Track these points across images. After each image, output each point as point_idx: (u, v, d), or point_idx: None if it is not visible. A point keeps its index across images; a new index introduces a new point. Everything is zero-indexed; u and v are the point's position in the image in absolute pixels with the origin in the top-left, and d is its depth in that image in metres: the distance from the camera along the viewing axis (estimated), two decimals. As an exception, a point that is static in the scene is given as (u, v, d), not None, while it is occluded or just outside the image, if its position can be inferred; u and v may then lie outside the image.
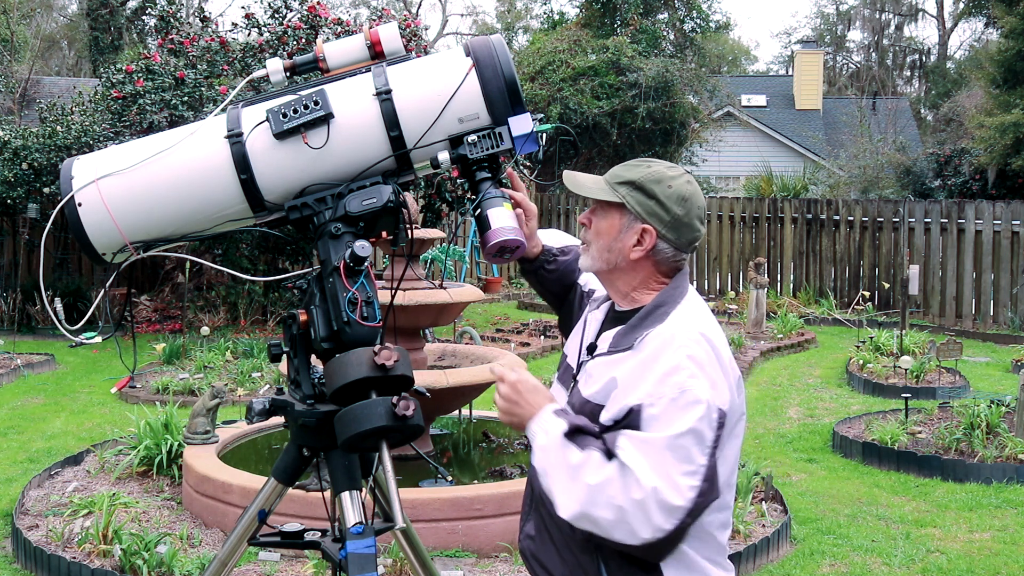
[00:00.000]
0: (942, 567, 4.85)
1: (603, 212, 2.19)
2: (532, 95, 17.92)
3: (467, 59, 2.41)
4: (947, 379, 8.80)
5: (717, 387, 1.98)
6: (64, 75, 27.93)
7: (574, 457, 1.98)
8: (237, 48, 12.74)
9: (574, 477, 1.97)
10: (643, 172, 2.16)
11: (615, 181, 2.17)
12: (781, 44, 59.95)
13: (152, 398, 7.97)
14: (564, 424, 2.03)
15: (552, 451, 2.01)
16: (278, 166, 2.40)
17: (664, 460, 1.92)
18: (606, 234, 2.17)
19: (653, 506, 1.91)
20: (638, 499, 1.91)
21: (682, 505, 1.92)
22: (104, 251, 2.50)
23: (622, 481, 1.93)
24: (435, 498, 4.74)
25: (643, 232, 2.14)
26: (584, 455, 1.98)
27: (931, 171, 18.69)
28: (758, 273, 11.65)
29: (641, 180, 2.15)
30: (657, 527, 1.92)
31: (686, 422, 1.93)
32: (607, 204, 2.17)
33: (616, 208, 2.16)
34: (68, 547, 4.65)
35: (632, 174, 2.16)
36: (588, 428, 2.03)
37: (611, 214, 2.17)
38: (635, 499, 1.91)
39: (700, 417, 1.94)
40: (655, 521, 1.92)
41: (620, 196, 2.15)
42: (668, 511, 1.91)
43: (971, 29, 44.55)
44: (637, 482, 1.92)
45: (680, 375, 1.97)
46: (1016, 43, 17.03)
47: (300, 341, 2.46)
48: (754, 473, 5.55)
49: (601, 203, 2.19)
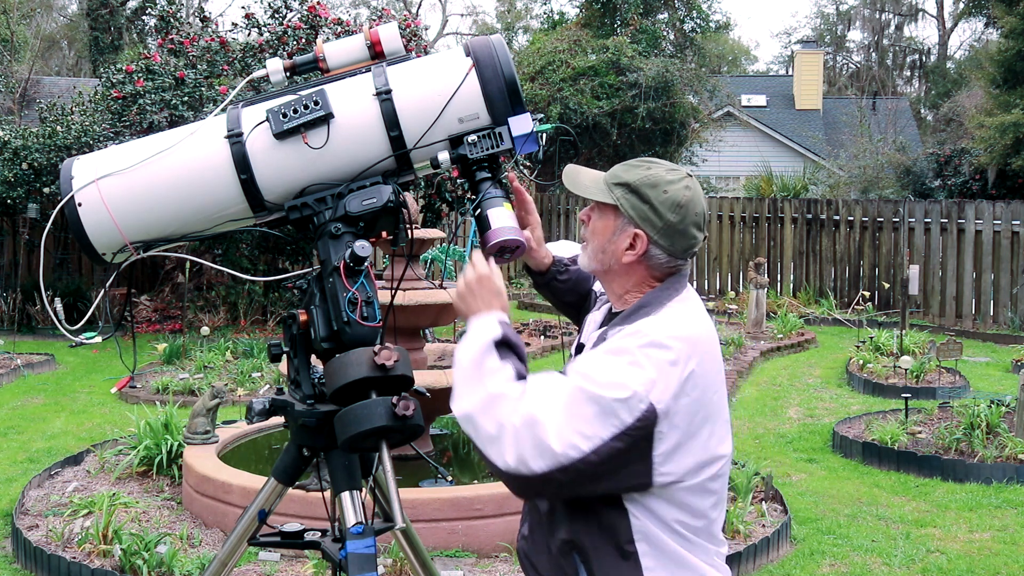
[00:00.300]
0: (942, 567, 4.85)
1: (600, 212, 2.15)
2: (532, 95, 17.92)
3: (467, 59, 2.41)
4: (947, 379, 8.80)
5: (656, 385, 1.90)
6: (64, 75, 27.93)
7: (491, 363, 1.99)
8: (237, 48, 12.74)
9: (480, 379, 1.98)
10: (640, 175, 2.11)
11: (612, 181, 2.13)
12: (781, 44, 60.01)
13: (152, 398, 7.97)
14: (499, 332, 2.04)
15: (475, 349, 2.02)
16: (278, 166, 2.40)
17: (567, 406, 1.90)
18: (601, 234, 2.14)
19: (528, 437, 1.89)
20: (518, 424, 1.90)
21: (557, 452, 1.86)
22: (104, 251, 2.50)
23: (517, 402, 1.93)
24: (435, 498, 4.74)
25: (635, 237, 2.09)
26: (499, 365, 1.99)
27: (931, 171, 18.68)
28: (758, 273, 11.65)
29: (637, 183, 2.09)
30: (522, 459, 1.89)
31: (607, 389, 1.89)
32: (604, 204, 2.14)
33: (612, 209, 2.12)
34: (68, 547, 4.65)
35: (629, 176, 2.12)
36: (519, 350, 2.05)
37: (607, 215, 2.14)
38: (516, 424, 1.90)
39: (621, 398, 1.88)
40: (524, 452, 1.89)
41: (615, 198, 2.11)
42: (540, 450, 1.88)
43: (971, 29, 44.60)
44: (529, 409, 1.90)
45: (623, 357, 1.93)
46: (1016, 43, 17.03)
47: (300, 341, 2.46)
48: (754, 473, 5.55)
49: (599, 202, 2.15)
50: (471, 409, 1.97)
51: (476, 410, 1.96)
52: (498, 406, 1.94)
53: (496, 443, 1.92)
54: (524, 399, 1.93)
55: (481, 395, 1.96)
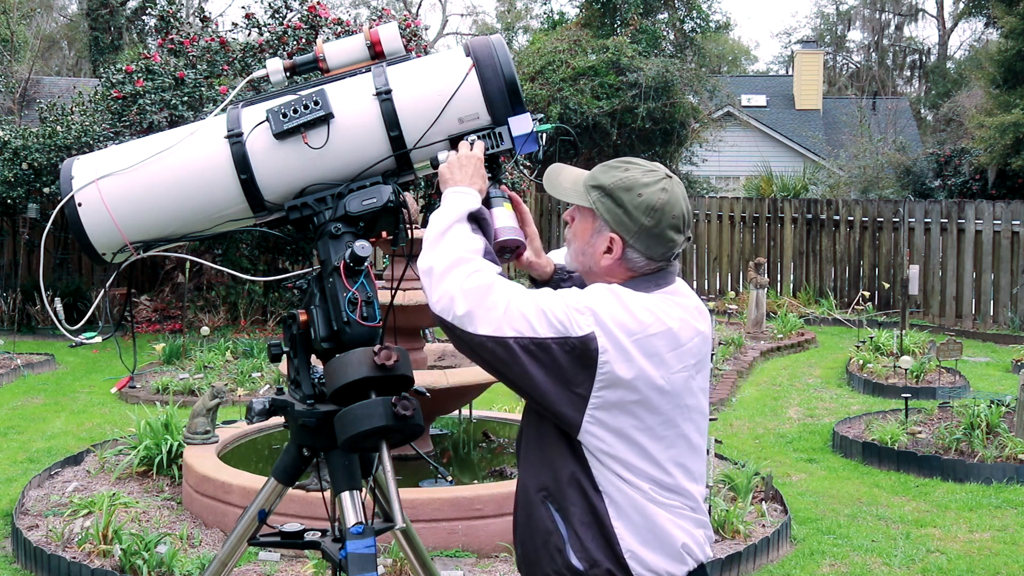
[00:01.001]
0: (942, 567, 4.85)
1: (581, 213, 2.17)
2: (532, 95, 17.91)
3: (467, 59, 2.41)
4: (947, 379, 8.80)
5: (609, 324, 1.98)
6: (64, 75, 27.92)
7: (463, 230, 2.12)
8: (237, 48, 12.74)
9: (451, 241, 2.10)
10: (616, 177, 2.11)
11: (590, 184, 2.14)
12: (781, 44, 59.98)
13: (152, 398, 7.97)
14: (476, 206, 2.18)
15: (451, 215, 2.15)
16: (278, 166, 2.40)
17: (524, 299, 2.01)
18: (581, 236, 2.16)
19: (481, 300, 2.00)
20: (474, 287, 2.02)
21: (503, 323, 1.97)
22: (104, 251, 2.50)
23: (481, 272, 2.04)
24: (435, 498, 4.73)
25: (611, 240, 2.10)
26: (471, 235, 2.12)
27: (931, 171, 18.67)
28: (758, 273, 11.65)
29: (611, 186, 2.09)
30: (470, 317, 2.00)
31: (557, 299, 2.01)
32: (582, 207, 2.16)
33: (590, 212, 2.14)
34: (68, 547, 4.65)
35: (605, 178, 2.12)
36: (488, 231, 2.18)
37: (587, 216, 2.15)
38: (473, 286, 2.02)
39: (572, 307, 1.99)
40: (474, 312, 2.00)
41: (591, 201, 2.12)
42: (488, 316, 1.99)
43: (971, 29, 44.58)
44: (489, 279, 2.03)
45: (583, 294, 2.05)
46: (1016, 43, 17.02)
47: (300, 341, 2.46)
48: (754, 473, 5.55)
49: (578, 204, 2.17)
50: (434, 264, 2.08)
51: (441, 266, 2.07)
52: (463, 267, 2.05)
53: (447, 298, 2.03)
54: (488, 273, 2.05)
55: (450, 254, 2.07)
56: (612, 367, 1.96)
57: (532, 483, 2.12)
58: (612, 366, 1.96)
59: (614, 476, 2.03)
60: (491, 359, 2.01)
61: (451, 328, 2.04)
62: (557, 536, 2.06)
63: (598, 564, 2.03)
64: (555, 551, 2.06)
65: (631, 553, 2.03)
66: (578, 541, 2.04)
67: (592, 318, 1.97)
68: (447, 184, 2.23)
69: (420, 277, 2.10)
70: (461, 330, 2.02)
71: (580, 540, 2.04)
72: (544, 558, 2.08)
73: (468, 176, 2.24)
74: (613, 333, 1.96)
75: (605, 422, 2.00)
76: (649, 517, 2.04)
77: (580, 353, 1.95)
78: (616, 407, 1.99)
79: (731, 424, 7.70)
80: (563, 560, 2.05)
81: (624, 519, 2.03)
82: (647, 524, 2.04)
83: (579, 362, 1.96)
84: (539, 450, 2.11)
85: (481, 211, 2.17)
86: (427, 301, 2.08)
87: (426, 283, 2.08)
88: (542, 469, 2.10)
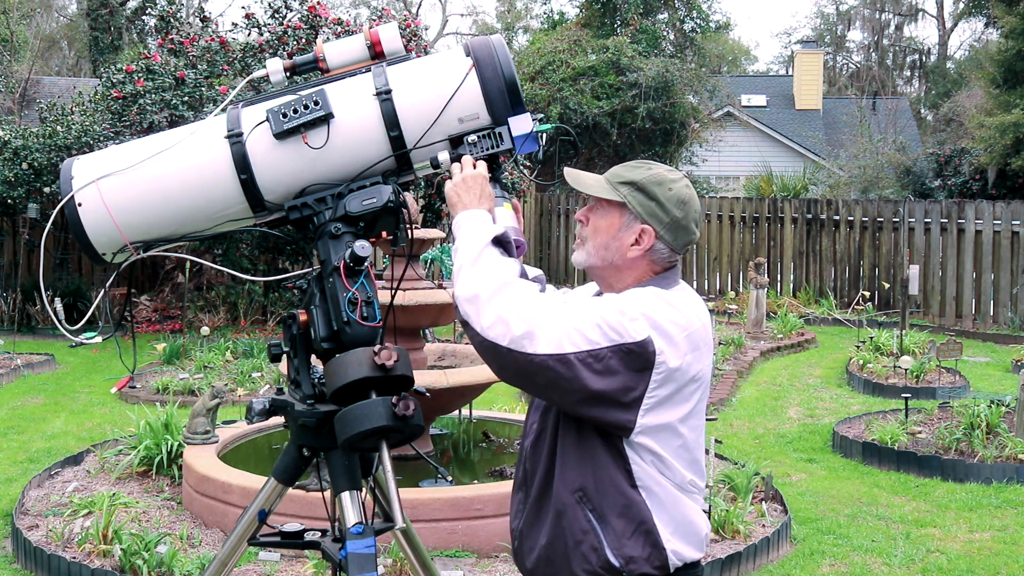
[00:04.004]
0: (942, 567, 4.85)
1: (603, 210, 2.23)
2: (532, 95, 17.91)
3: (467, 59, 2.41)
4: (947, 379, 8.80)
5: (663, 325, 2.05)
6: (64, 75, 27.91)
7: (495, 255, 2.14)
8: (237, 48, 12.74)
9: (488, 267, 2.11)
10: (645, 174, 2.21)
11: (617, 181, 2.22)
12: (781, 44, 60.00)
13: (152, 398, 7.97)
14: (500, 230, 2.19)
15: (480, 240, 2.15)
16: (278, 166, 2.40)
17: (573, 314, 2.04)
18: (604, 232, 2.22)
19: (535, 320, 2.01)
20: (527, 308, 2.03)
21: (562, 340, 1.99)
22: (104, 251, 2.50)
23: (526, 293, 2.06)
24: (435, 498, 4.73)
25: (642, 232, 2.18)
26: (505, 259, 2.14)
27: (931, 171, 18.67)
28: (758, 273, 11.65)
29: (643, 181, 2.20)
30: (529, 336, 2.00)
31: (606, 309, 2.05)
32: (607, 203, 2.22)
33: (616, 207, 2.21)
34: (68, 547, 4.65)
35: (634, 175, 2.21)
36: (513, 254, 2.19)
37: (611, 213, 2.22)
38: (525, 307, 2.03)
39: (624, 314, 2.03)
40: (533, 330, 2.01)
41: (622, 196, 2.20)
42: (545, 336, 2.00)
43: (971, 29, 44.59)
44: (538, 300, 2.06)
45: (628, 299, 2.10)
46: (1016, 43, 17.02)
47: (300, 341, 2.46)
48: (754, 473, 5.55)
49: (601, 201, 2.23)
50: (479, 291, 2.07)
51: (487, 290, 2.06)
52: (510, 289, 2.06)
53: (502, 323, 2.02)
54: (535, 294, 2.07)
55: (494, 279, 2.07)
56: (667, 366, 2.05)
57: (568, 485, 2.14)
58: (667, 365, 2.05)
59: (654, 471, 2.10)
60: (549, 379, 2.02)
61: (505, 353, 2.03)
62: (593, 536, 2.10)
63: (635, 560, 2.09)
64: (590, 551, 2.10)
65: (670, 544, 2.11)
66: (616, 539, 2.09)
67: (646, 322, 2.04)
68: (457, 208, 2.25)
69: (462, 305, 2.09)
70: (519, 353, 2.02)
71: (618, 538, 2.09)
72: (575, 559, 2.12)
73: (477, 198, 2.26)
74: (667, 333, 2.05)
75: (655, 419, 2.08)
76: (681, 509, 2.14)
77: (637, 357, 2.02)
78: (666, 402, 2.08)
79: (731, 424, 7.70)
80: (599, 559, 2.09)
81: (663, 512, 2.11)
82: (681, 516, 2.14)
83: (636, 366, 2.03)
84: (578, 452, 2.13)
85: (505, 235, 2.19)
86: (475, 328, 2.06)
87: (472, 310, 2.07)
88: (582, 471, 2.12)
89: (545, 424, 2.21)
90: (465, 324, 2.11)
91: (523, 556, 2.25)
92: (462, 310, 2.09)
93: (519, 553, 2.27)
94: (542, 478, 2.19)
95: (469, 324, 2.09)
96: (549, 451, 2.19)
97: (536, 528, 2.20)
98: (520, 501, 2.29)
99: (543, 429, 2.22)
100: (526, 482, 2.27)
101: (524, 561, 2.24)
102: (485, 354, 2.07)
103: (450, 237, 2.31)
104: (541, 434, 2.22)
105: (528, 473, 2.25)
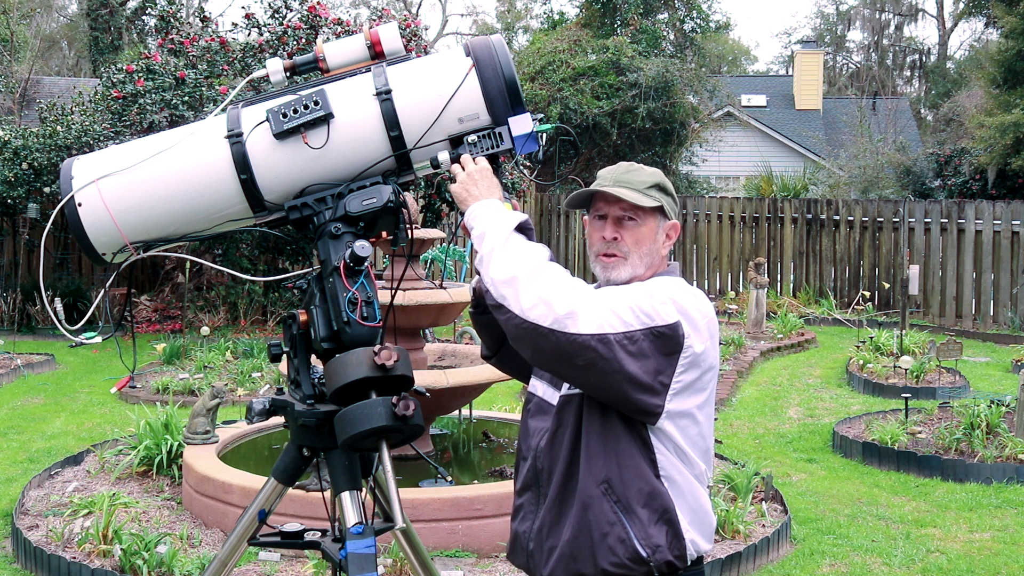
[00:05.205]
0: (942, 567, 4.85)
1: (641, 219, 2.27)
2: (532, 95, 17.91)
3: (467, 59, 2.41)
4: (947, 379, 8.80)
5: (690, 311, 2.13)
6: (64, 75, 27.90)
7: (522, 241, 2.15)
8: (237, 48, 12.73)
9: (520, 251, 2.12)
10: (655, 174, 2.30)
11: (643, 187, 2.27)
12: (781, 44, 60.01)
13: (152, 398, 7.97)
14: (521, 217, 2.20)
15: (505, 227, 2.17)
16: (278, 166, 2.40)
17: (607, 297, 2.08)
18: (647, 239, 2.27)
19: (578, 301, 2.04)
20: (567, 289, 2.06)
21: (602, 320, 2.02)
22: (104, 251, 2.50)
23: (562, 276, 2.10)
24: (435, 498, 4.73)
25: (672, 228, 2.31)
26: (533, 244, 2.15)
27: (931, 171, 18.67)
28: (758, 273, 11.65)
29: (662, 182, 2.30)
30: (572, 316, 2.02)
31: (638, 293, 2.11)
32: (645, 210, 2.27)
33: (652, 212, 2.27)
34: (68, 547, 4.65)
35: (652, 178, 2.29)
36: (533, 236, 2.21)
37: (648, 220, 2.28)
38: (565, 287, 2.06)
39: (655, 298, 2.09)
40: (576, 309, 2.03)
41: (657, 200, 2.27)
42: (586, 315, 2.03)
43: (971, 29, 44.59)
44: (574, 282, 2.09)
45: (656, 285, 2.17)
46: (1016, 43, 17.02)
47: (300, 341, 2.46)
48: (754, 473, 5.54)
49: (638, 210, 2.26)
50: (517, 272, 2.08)
51: (525, 272, 2.07)
52: (547, 270, 2.09)
53: (543, 303, 2.03)
54: (568, 276, 2.10)
55: (529, 261, 2.09)
56: (693, 350, 2.10)
57: (593, 477, 2.15)
58: (693, 350, 2.10)
59: (676, 460, 2.14)
60: (589, 359, 2.03)
61: (547, 333, 2.03)
62: (620, 528, 2.11)
63: (660, 548, 2.12)
64: (617, 543, 2.11)
65: (689, 534, 2.15)
66: (642, 528, 2.11)
67: (674, 307, 2.10)
68: (469, 201, 2.26)
69: (497, 288, 2.09)
70: (561, 332, 2.03)
71: (644, 527, 2.11)
72: (601, 552, 2.12)
73: (486, 189, 2.28)
74: (692, 319, 2.11)
75: (678, 405, 2.12)
76: (697, 498, 2.18)
77: (668, 340, 2.07)
78: (688, 388, 2.12)
79: (731, 424, 7.70)
80: (626, 551, 2.11)
81: (683, 502, 2.15)
82: (698, 505, 2.17)
83: (666, 349, 2.07)
84: (603, 444, 2.15)
85: (527, 222, 2.22)
86: (512, 310, 2.07)
87: (510, 292, 2.07)
88: (607, 461, 2.14)
89: (562, 420, 2.21)
90: (498, 307, 2.10)
91: (539, 559, 2.22)
92: (497, 292, 2.09)
93: (533, 556, 2.24)
94: (562, 474, 2.18)
95: (505, 306, 2.08)
96: (570, 446, 2.18)
97: (557, 526, 2.19)
98: (531, 502, 2.27)
99: (560, 426, 2.21)
100: (538, 482, 2.25)
101: (539, 565, 2.22)
102: (523, 336, 2.07)
103: (456, 235, 2.32)
104: (558, 431, 2.21)
105: (542, 472, 2.23)
